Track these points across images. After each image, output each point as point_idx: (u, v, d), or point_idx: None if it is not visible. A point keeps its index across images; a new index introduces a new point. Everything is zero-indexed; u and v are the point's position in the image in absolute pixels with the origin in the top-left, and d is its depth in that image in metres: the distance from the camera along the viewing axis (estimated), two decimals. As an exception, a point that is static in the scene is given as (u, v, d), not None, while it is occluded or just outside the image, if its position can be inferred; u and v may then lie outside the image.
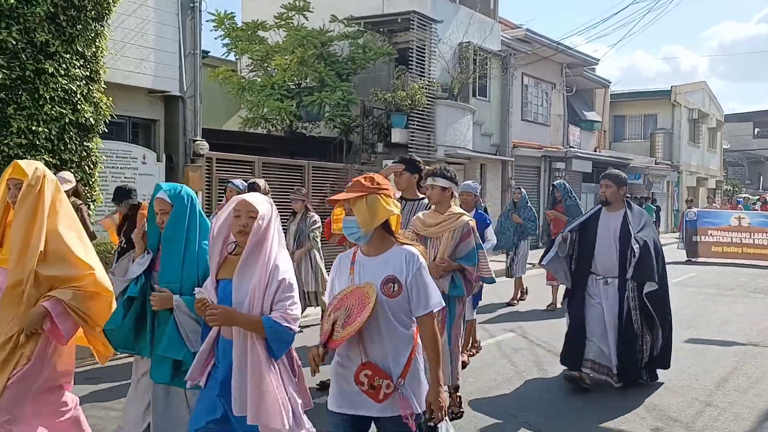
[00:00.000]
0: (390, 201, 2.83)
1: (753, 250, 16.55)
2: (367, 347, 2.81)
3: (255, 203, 3.00)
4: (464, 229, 4.63)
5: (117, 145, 9.45)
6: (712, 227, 17.06)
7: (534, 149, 19.87)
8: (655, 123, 29.92)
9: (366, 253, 2.89)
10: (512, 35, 19.25)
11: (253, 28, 15.63)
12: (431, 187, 4.65)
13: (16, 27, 7.17)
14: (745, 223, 16.82)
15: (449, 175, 4.67)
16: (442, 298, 2.90)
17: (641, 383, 5.88)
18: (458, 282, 4.68)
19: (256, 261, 2.95)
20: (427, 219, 4.64)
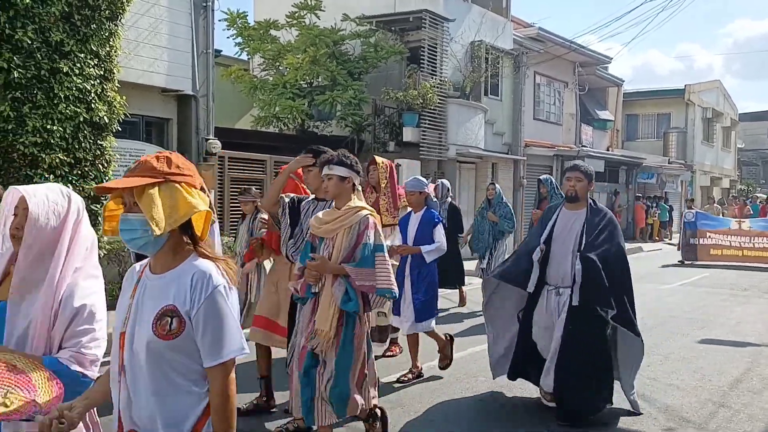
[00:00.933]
0: (194, 192, 1.97)
1: (754, 253, 16.09)
2: (132, 409, 1.98)
3: (28, 196, 2.19)
4: (361, 225, 3.80)
5: (130, 144, 9.52)
6: (711, 230, 16.61)
7: (546, 148, 19.80)
8: (669, 122, 29.71)
9: (153, 268, 2.01)
10: (524, 34, 19.19)
11: (265, 27, 15.68)
12: (327, 177, 3.84)
13: (31, 27, 7.24)
14: (746, 226, 16.45)
15: (349, 162, 3.88)
16: (244, 342, 1.98)
17: (652, 382, 5.86)
18: (352, 293, 3.75)
19: (40, 278, 2.19)
20: (324, 216, 3.90)
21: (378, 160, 6.39)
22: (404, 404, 5.23)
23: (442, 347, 6.00)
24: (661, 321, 8.91)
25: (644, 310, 9.80)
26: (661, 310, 9.75)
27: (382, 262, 3.78)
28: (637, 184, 25.19)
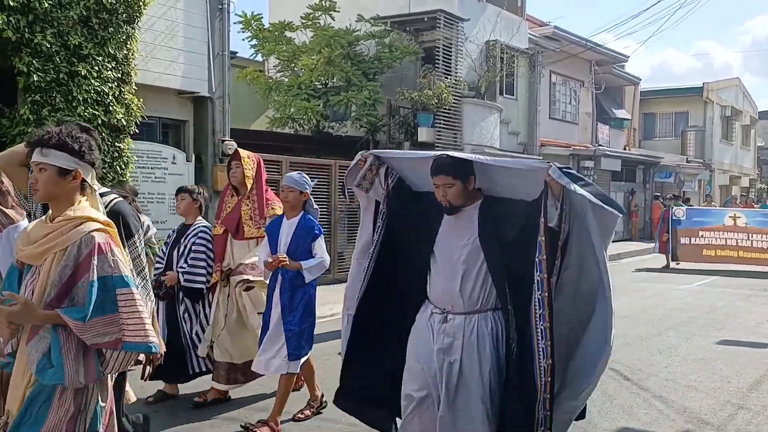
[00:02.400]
0: None
1: (751, 254, 14.51)
2: None
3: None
4: (83, 248, 2.36)
5: (147, 146, 9.60)
6: (702, 227, 15.08)
7: (562, 148, 19.69)
8: (687, 120, 29.42)
9: None
10: (540, 33, 19.11)
11: (280, 29, 15.75)
12: (38, 168, 2.41)
13: (50, 30, 7.33)
14: (742, 222, 14.74)
15: (73, 147, 2.42)
16: None
17: (670, 384, 5.81)
18: (56, 356, 2.32)
19: None
20: (31, 232, 2.48)
21: (242, 154, 5.13)
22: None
23: (313, 397, 4.95)
24: (679, 322, 8.83)
25: (662, 310, 9.74)
26: (679, 311, 9.66)
27: (127, 302, 2.39)
28: (654, 183, 24.97)
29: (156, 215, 9.68)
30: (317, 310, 8.81)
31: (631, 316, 9.21)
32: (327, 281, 11.97)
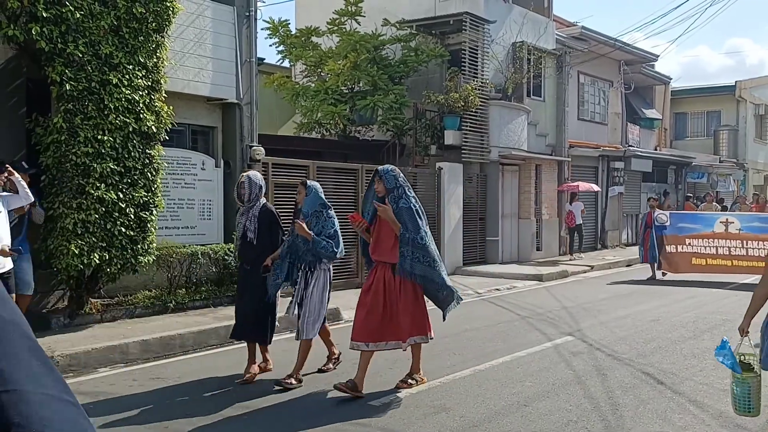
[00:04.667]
0: None
1: (747, 262, 12.56)
2: None
3: None
4: None
5: (177, 152, 9.74)
6: (690, 235, 13.22)
7: (591, 149, 19.46)
8: (719, 119, 28.87)
9: None
10: (567, 33, 18.92)
11: (306, 35, 15.88)
12: None
13: (82, 40, 7.48)
14: (734, 228, 12.83)
15: None
16: None
17: (705, 388, 5.69)
18: None
19: None
20: None
21: None
22: (448, 408, 5.21)
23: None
24: (713, 324, 8.65)
25: (697, 313, 9.55)
26: (714, 314, 9.47)
27: None
28: (687, 183, 24.53)
29: (186, 220, 9.81)
30: (345, 314, 8.96)
31: (661, 319, 9.06)
32: (354, 285, 12.00)
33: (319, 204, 5.99)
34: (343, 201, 12.06)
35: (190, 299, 8.94)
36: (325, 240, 5.86)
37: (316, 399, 5.48)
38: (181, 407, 5.30)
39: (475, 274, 14.02)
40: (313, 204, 5.97)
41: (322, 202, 6.02)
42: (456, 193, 14.50)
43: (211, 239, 9.94)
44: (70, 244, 7.36)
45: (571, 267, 15.17)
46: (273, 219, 6.24)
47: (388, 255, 5.59)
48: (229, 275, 9.49)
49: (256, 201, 6.17)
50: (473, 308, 10.41)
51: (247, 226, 6.13)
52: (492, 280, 13.36)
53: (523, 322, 8.98)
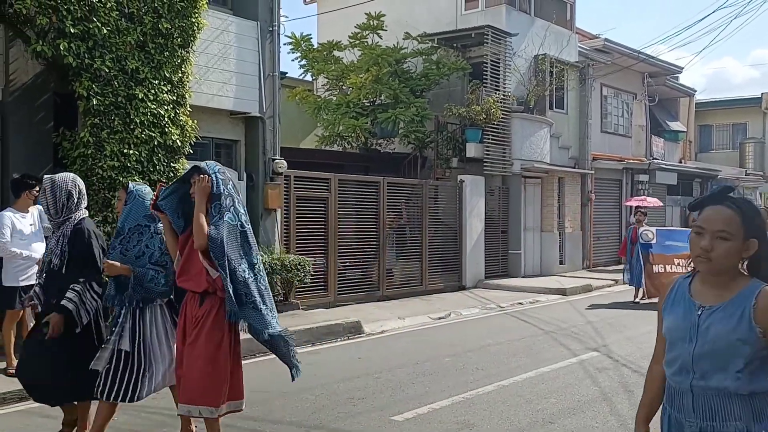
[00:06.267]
0: None
1: None
2: None
3: None
4: None
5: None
6: (677, 254, 11.67)
7: (615, 161, 19.26)
8: (745, 132, 28.45)
9: None
10: (590, 45, 18.81)
11: (328, 49, 15.99)
12: None
13: (109, 56, 7.60)
14: None
15: None
16: None
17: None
18: None
19: None
20: None
21: None
22: (472, 425, 5.14)
23: None
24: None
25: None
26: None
27: None
28: (712, 196, 24.12)
29: (209, 233, 9.86)
30: (366, 327, 8.72)
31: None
32: (375, 298, 11.98)
33: (144, 216, 4.44)
34: (365, 214, 12.06)
35: (212, 312, 8.95)
36: (152, 269, 4.36)
37: (339, 411, 5.44)
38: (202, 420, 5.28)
39: (498, 287, 13.91)
40: (136, 216, 4.44)
41: (149, 213, 4.40)
42: (478, 206, 14.43)
43: (234, 252, 9.97)
44: (96, 257, 7.43)
45: (595, 281, 14.99)
46: (85, 242, 4.32)
47: (194, 280, 4.00)
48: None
49: (68, 215, 4.38)
50: (496, 322, 10.31)
51: (52, 248, 4.38)
52: (515, 293, 13.24)
53: (547, 336, 8.88)
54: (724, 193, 2.19)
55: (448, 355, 7.66)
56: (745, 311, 2.10)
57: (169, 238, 4.16)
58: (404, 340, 8.83)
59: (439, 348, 8.19)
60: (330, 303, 11.12)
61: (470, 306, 11.63)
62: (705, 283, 2.23)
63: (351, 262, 11.75)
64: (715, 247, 2.11)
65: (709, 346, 2.13)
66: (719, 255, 2.11)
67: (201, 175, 3.93)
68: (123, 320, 4.30)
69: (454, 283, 13.77)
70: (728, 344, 2.10)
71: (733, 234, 2.10)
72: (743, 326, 2.09)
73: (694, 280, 2.28)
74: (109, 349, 4.24)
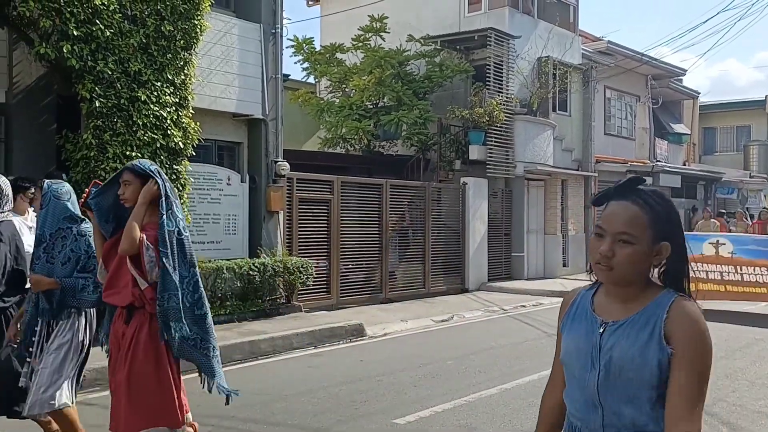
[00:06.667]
0: None
1: (741, 288, 11.06)
2: None
3: None
4: None
5: (204, 168, 9.82)
6: None
7: (618, 164, 19.23)
8: (749, 134, 28.38)
9: None
10: (593, 48, 18.80)
11: (331, 51, 16.00)
12: None
13: (111, 58, 7.62)
14: (726, 252, 11.19)
15: None
16: None
17: (739, 409, 5.52)
18: None
19: None
20: None
21: None
22: (474, 428, 5.12)
23: None
24: (746, 344, 8.43)
25: (728, 331, 9.31)
26: (745, 332, 9.23)
27: None
28: (716, 199, 24.10)
29: (211, 235, 9.88)
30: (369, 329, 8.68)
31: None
32: (378, 300, 11.96)
33: (64, 218, 3.92)
34: (367, 216, 12.06)
35: (214, 314, 8.94)
36: (81, 277, 3.88)
37: (341, 415, 5.43)
38: (204, 423, 5.28)
39: (501, 290, 13.88)
40: (55, 219, 3.90)
41: (68, 214, 3.92)
42: (481, 209, 14.41)
43: (236, 254, 9.99)
44: (98, 259, 7.44)
45: (598, 284, 14.93)
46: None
47: (121, 294, 3.51)
48: (254, 290, 9.51)
49: None
50: (499, 325, 10.29)
51: None
52: (518, 296, 13.21)
53: (550, 339, 8.84)
54: (630, 186, 1.78)
55: (450, 358, 7.64)
56: (656, 327, 1.67)
57: (97, 240, 3.69)
58: (407, 343, 8.81)
59: (441, 351, 8.17)
60: (332, 305, 11.11)
61: (473, 309, 11.61)
62: (609, 296, 1.79)
63: (353, 264, 11.74)
64: (616, 252, 1.69)
65: (615, 371, 1.69)
66: (621, 262, 1.68)
67: (151, 178, 3.51)
68: (39, 336, 3.83)
69: (456, 286, 13.75)
70: (637, 368, 1.66)
71: (637, 236, 1.68)
72: (653, 345, 1.66)
73: (598, 292, 1.84)
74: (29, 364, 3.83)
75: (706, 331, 1.66)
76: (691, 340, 1.64)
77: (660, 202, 1.75)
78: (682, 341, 1.64)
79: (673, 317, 1.67)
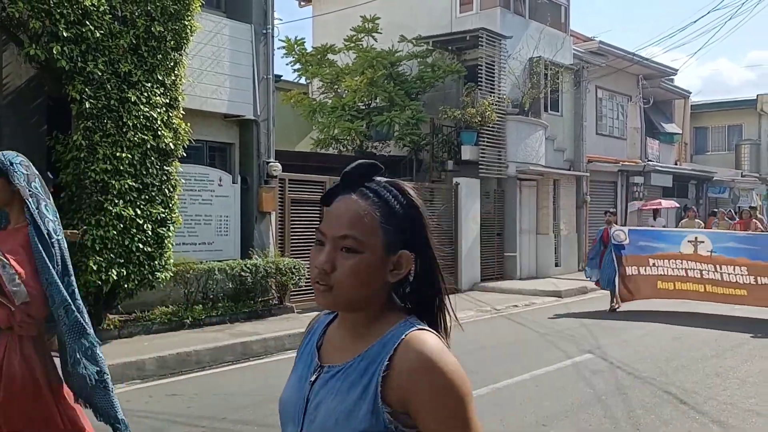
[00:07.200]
0: None
1: (722, 289, 10.70)
2: None
3: None
4: None
5: (195, 169, 9.80)
6: (653, 255, 11.27)
7: (610, 163, 19.29)
8: (741, 134, 28.54)
9: None
10: (585, 48, 18.86)
11: (322, 52, 15.98)
12: None
13: (101, 59, 7.58)
14: (705, 250, 10.79)
15: None
16: None
17: (729, 408, 5.54)
18: None
19: None
20: None
21: None
22: None
23: None
24: (737, 342, 8.47)
25: (717, 330, 9.35)
26: (735, 331, 9.28)
27: None
28: (708, 198, 24.21)
29: (203, 236, 9.85)
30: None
31: (683, 337, 8.89)
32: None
33: None
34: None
35: (206, 315, 8.95)
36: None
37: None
38: (196, 425, 5.27)
39: (493, 290, 13.90)
40: None
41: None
42: (473, 209, 14.42)
43: (228, 255, 9.97)
44: (89, 261, 7.41)
45: (590, 283, 14.97)
46: None
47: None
48: (246, 291, 9.49)
49: None
50: (491, 325, 10.31)
51: None
52: (510, 296, 13.23)
53: (542, 339, 8.87)
54: (360, 174, 1.29)
55: (442, 358, 7.64)
56: (373, 380, 1.20)
57: None
58: (399, 343, 8.80)
59: (433, 351, 8.16)
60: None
61: (465, 309, 11.61)
62: (341, 326, 1.33)
63: (346, 265, 11.71)
64: (337, 264, 1.23)
65: None
66: (342, 278, 1.22)
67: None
68: None
69: (449, 286, 13.73)
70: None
71: (364, 242, 1.22)
72: (364, 406, 1.18)
73: (335, 320, 1.38)
74: None
75: (449, 379, 1.18)
76: (430, 401, 1.16)
77: (399, 195, 1.28)
78: (416, 402, 1.16)
79: (398, 364, 1.18)
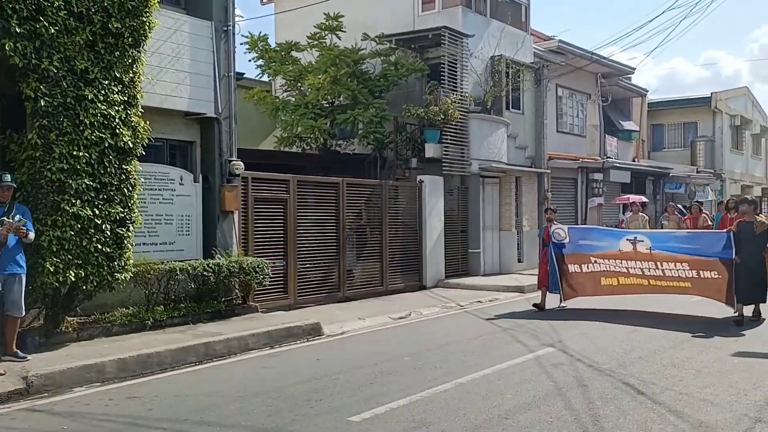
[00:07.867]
0: None
1: (665, 282, 10.66)
2: None
3: None
4: None
5: (155, 167, 9.64)
6: (593, 253, 11.16)
7: (570, 161, 19.62)
8: (696, 131, 29.30)
9: None
10: (545, 47, 19.14)
11: (286, 49, 15.89)
12: None
13: (57, 56, 7.40)
14: (644, 248, 10.70)
15: None
16: None
17: (685, 398, 5.71)
18: None
19: None
20: None
21: None
22: (429, 423, 5.16)
23: None
24: (692, 333, 8.70)
25: (674, 321, 9.60)
26: (690, 322, 9.53)
27: None
28: (665, 194, 24.80)
29: (164, 236, 9.71)
30: (326, 328, 8.71)
31: (641, 329, 9.10)
32: (336, 299, 11.95)
33: None
34: (324, 215, 12.03)
35: (168, 316, 8.82)
36: None
37: (296, 414, 5.41)
38: (157, 427, 5.20)
39: (458, 286, 14.02)
40: None
41: None
42: (437, 206, 14.52)
43: (190, 255, 9.84)
44: (45, 262, 7.24)
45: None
46: None
47: None
48: (208, 291, 9.39)
49: None
50: (456, 321, 10.40)
51: None
52: (474, 292, 13.36)
53: (505, 334, 8.98)
54: None
55: (407, 355, 7.69)
56: None
57: None
58: (364, 341, 8.83)
59: (398, 347, 8.21)
60: (290, 305, 11.05)
61: (430, 305, 11.70)
62: None
63: (311, 263, 11.70)
64: None
65: None
66: None
67: None
68: None
69: (414, 283, 13.83)
70: None
71: None
72: None
73: None
74: None
75: None
76: None
77: None
78: None
79: None
